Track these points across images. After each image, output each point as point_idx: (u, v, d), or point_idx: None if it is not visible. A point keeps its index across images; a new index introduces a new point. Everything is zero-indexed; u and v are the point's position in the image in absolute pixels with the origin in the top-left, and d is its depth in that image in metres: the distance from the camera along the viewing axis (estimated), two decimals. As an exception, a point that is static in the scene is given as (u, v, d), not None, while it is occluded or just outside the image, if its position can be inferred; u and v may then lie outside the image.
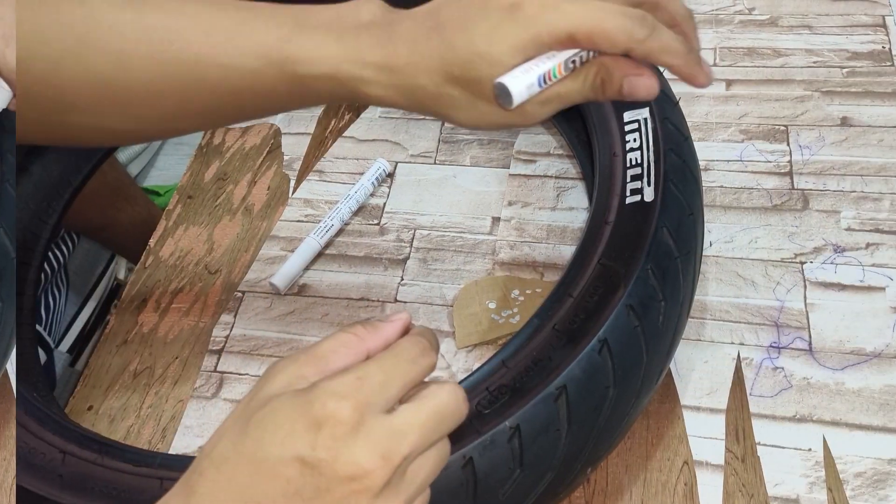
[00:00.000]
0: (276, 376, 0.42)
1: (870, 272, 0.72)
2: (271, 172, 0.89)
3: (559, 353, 0.54)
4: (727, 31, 0.95)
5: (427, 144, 0.89)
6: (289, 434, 0.38)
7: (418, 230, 0.82)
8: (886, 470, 0.61)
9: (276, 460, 0.38)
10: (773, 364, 0.68)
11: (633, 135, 0.66)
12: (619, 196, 0.62)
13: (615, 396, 0.54)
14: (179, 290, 0.81)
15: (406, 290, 0.77)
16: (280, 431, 0.38)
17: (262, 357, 0.74)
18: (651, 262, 0.58)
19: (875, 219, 0.75)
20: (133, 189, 1.20)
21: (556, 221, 0.80)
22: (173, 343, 0.77)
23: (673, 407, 0.67)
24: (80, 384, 0.75)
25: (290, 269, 0.79)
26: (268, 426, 0.39)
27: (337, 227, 0.81)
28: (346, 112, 0.94)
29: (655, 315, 0.57)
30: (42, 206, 0.82)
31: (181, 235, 0.85)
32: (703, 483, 0.62)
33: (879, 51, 0.90)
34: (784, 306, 0.71)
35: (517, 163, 0.86)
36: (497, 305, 0.74)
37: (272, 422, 0.39)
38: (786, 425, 0.64)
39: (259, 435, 0.39)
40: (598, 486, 0.63)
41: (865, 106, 0.85)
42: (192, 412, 0.72)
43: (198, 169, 0.91)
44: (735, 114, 0.86)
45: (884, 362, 0.67)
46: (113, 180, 1.13)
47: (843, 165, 0.80)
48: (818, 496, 0.60)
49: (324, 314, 0.77)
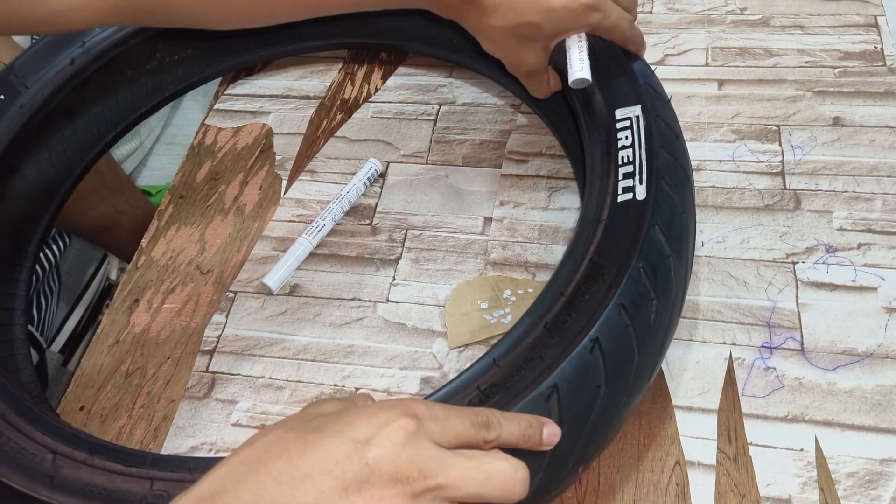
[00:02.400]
0: (324, 405, 0.48)
1: (862, 272, 0.72)
2: (263, 172, 0.89)
3: (551, 352, 0.54)
4: (719, 31, 0.95)
5: (419, 144, 0.89)
6: (350, 423, 0.41)
7: (410, 230, 0.81)
8: (878, 470, 0.61)
9: (332, 439, 0.40)
10: (765, 364, 0.68)
11: (625, 132, 0.66)
12: (611, 194, 0.62)
13: (607, 396, 0.54)
14: (171, 290, 0.80)
15: (398, 290, 0.77)
16: (341, 421, 0.42)
17: (254, 357, 0.74)
18: (643, 261, 0.58)
19: (867, 219, 0.76)
20: (133, 190, 1.20)
21: (547, 221, 0.80)
22: (165, 343, 0.76)
23: (665, 407, 0.67)
24: (72, 384, 0.75)
25: (282, 269, 0.78)
26: (332, 416, 0.43)
27: (329, 227, 0.81)
28: (337, 112, 0.94)
29: (647, 314, 0.57)
30: (34, 207, 0.82)
31: (173, 235, 0.85)
32: (695, 483, 0.62)
33: (871, 51, 0.90)
34: (776, 306, 0.71)
35: (509, 163, 0.85)
36: (489, 305, 0.74)
37: (338, 415, 0.43)
38: (778, 425, 0.64)
39: (321, 422, 0.42)
40: (590, 486, 0.63)
41: (857, 106, 0.85)
42: (183, 412, 0.71)
43: (190, 169, 0.91)
44: (727, 114, 0.86)
45: (875, 362, 0.67)
46: (112, 181, 1.13)
47: (835, 165, 0.80)
48: (810, 496, 0.60)
49: (316, 314, 0.76)
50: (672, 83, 0.90)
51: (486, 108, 0.91)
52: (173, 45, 0.91)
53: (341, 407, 0.47)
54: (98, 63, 0.82)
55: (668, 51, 0.94)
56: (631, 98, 0.68)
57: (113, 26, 0.83)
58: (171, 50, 0.91)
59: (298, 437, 0.41)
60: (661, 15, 0.99)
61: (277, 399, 0.71)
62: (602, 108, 0.68)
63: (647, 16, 0.99)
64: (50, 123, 0.82)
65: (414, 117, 0.92)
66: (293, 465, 0.40)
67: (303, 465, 0.40)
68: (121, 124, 0.90)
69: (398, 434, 0.41)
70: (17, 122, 0.77)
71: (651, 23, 0.98)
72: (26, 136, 0.78)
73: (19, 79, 0.79)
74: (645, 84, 0.69)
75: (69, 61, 0.80)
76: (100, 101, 0.88)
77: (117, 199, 1.12)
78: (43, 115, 0.79)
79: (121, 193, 1.13)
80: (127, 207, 1.12)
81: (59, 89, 0.79)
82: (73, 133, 0.86)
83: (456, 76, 0.95)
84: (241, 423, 0.70)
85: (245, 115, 0.96)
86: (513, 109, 0.91)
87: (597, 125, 0.68)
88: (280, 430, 0.42)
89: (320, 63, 1.01)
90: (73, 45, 0.82)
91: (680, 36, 0.96)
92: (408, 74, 0.97)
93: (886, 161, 0.80)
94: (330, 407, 0.47)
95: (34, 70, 0.79)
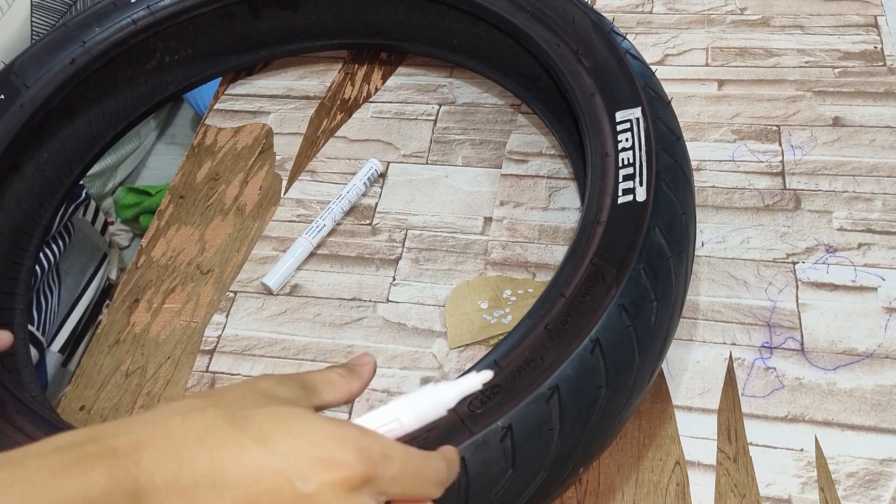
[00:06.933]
0: (262, 382, 0.41)
1: (862, 272, 0.72)
2: (263, 172, 0.89)
3: (551, 353, 0.54)
4: (719, 31, 0.95)
5: (419, 144, 0.89)
6: (298, 446, 0.37)
7: (410, 230, 0.81)
8: (878, 470, 0.61)
9: (270, 458, 0.36)
10: (765, 364, 0.68)
11: (626, 134, 0.66)
12: (612, 196, 0.62)
13: (607, 396, 0.54)
14: (171, 290, 0.80)
15: (398, 290, 0.77)
16: (289, 434, 0.37)
17: (254, 357, 0.74)
18: (643, 262, 0.58)
19: (867, 219, 0.76)
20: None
21: (547, 221, 0.80)
22: (165, 343, 0.76)
23: (665, 407, 0.67)
24: (72, 384, 0.75)
25: (282, 269, 0.78)
26: (280, 415, 0.38)
27: (329, 227, 0.81)
28: (337, 112, 0.94)
29: (648, 315, 0.57)
30: (34, 206, 0.82)
31: (173, 235, 0.85)
32: (695, 483, 0.62)
33: (871, 51, 0.90)
34: (776, 306, 0.71)
35: (509, 163, 0.86)
36: (489, 305, 0.74)
37: (288, 417, 0.38)
38: (778, 425, 0.64)
39: (265, 421, 0.37)
40: (591, 487, 0.63)
41: (857, 106, 0.85)
42: (183, 412, 0.71)
43: (190, 169, 0.91)
44: (727, 114, 0.86)
45: (875, 362, 0.67)
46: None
47: (835, 165, 0.80)
48: (810, 496, 0.60)
49: (316, 314, 0.76)
50: (672, 83, 0.90)
51: (486, 108, 0.91)
52: (173, 45, 0.91)
53: (292, 395, 0.41)
54: (98, 62, 0.82)
55: (668, 51, 0.94)
56: (631, 100, 0.68)
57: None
58: (171, 50, 0.91)
59: (234, 436, 0.36)
60: (661, 15, 0.99)
61: (278, 399, 0.71)
62: (602, 110, 0.68)
63: (647, 16, 0.99)
64: (50, 123, 0.82)
65: (414, 117, 0.92)
66: (218, 469, 0.35)
67: (233, 476, 0.35)
68: (121, 124, 0.90)
69: (341, 485, 0.36)
70: (17, 121, 0.77)
71: (651, 23, 0.98)
72: (26, 136, 0.78)
73: (19, 78, 0.79)
74: (645, 86, 0.69)
75: (69, 61, 0.80)
76: (100, 101, 0.88)
77: None
78: (43, 115, 0.79)
79: None
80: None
81: (60, 89, 0.79)
82: (73, 132, 0.86)
83: (456, 76, 0.95)
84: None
85: (245, 115, 0.96)
86: (513, 109, 0.90)
87: (597, 127, 0.68)
88: (213, 415, 0.37)
89: (320, 63, 1.01)
90: (74, 44, 0.82)
91: (680, 36, 0.96)
92: (408, 74, 0.97)
93: (886, 161, 0.80)
94: (281, 391, 0.41)
95: (34, 69, 0.79)
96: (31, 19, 0.95)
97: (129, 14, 0.84)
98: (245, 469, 0.35)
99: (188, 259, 0.83)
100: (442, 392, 0.45)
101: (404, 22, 0.93)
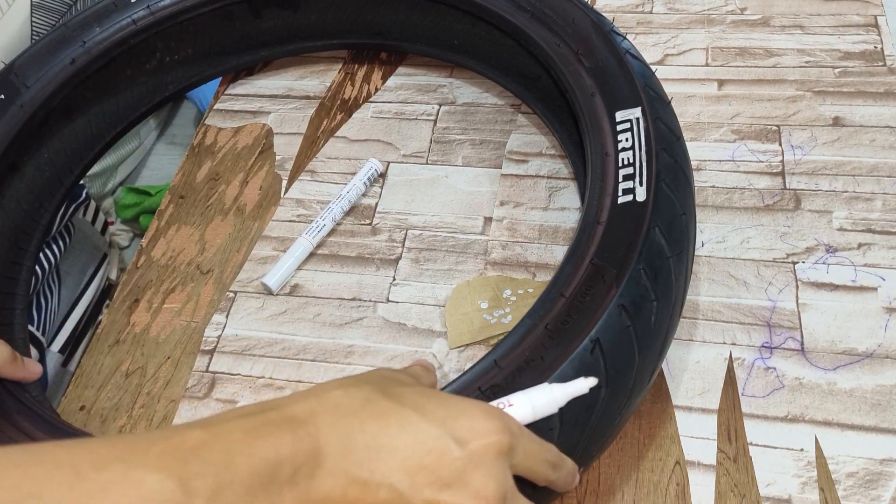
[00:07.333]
0: (383, 371, 0.47)
1: (862, 272, 0.72)
2: (263, 172, 0.89)
3: (551, 353, 0.54)
4: (719, 31, 0.95)
5: (419, 144, 0.89)
6: (451, 416, 0.41)
7: (410, 230, 0.81)
8: (878, 470, 0.61)
9: (431, 427, 0.41)
10: (765, 364, 0.68)
11: (625, 134, 0.66)
12: (611, 196, 0.62)
13: (607, 396, 0.54)
14: (171, 290, 0.80)
15: (398, 290, 0.77)
16: (440, 408, 0.42)
17: (254, 357, 0.74)
18: (643, 262, 0.58)
19: (867, 219, 0.76)
20: None
21: (547, 221, 0.80)
22: (165, 343, 0.76)
23: (665, 407, 0.67)
24: (72, 384, 0.75)
25: (282, 269, 0.78)
26: (428, 395, 0.43)
27: (329, 227, 0.81)
28: (337, 112, 0.94)
29: (648, 315, 0.57)
30: (34, 207, 0.82)
31: (173, 235, 0.85)
32: (695, 483, 0.62)
33: (871, 51, 0.90)
34: (776, 306, 0.71)
35: (509, 163, 0.86)
36: (489, 305, 0.74)
37: (434, 397, 0.43)
38: (778, 425, 0.64)
39: (415, 397, 0.42)
40: (590, 487, 0.63)
41: (857, 106, 0.85)
42: (184, 412, 0.71)
43: (190, 169, 0.91)
44: (727, 114, 0.86)
45: (876, 362, 0.67)
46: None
47: (835, 165, 0.80)
48: (810, 496, 0.60)
49: (316, 314, 0.76)
50: (672, 83, 0.90)
51: (486, 108, 0.91)
52: (173, 44, 0.91)
53: (412, 381, 0.47)
54: (98, 63, 0.82)
55: (668, 51, 0.94)
56: (631, 100, 0.68)
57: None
58: (171, 50, 0.91)
59: (394, 407, 0.41)
60: (661, 15, 0.99)
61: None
62: (602, 110, 0.68)
63: (647, 16, 0.99)
64: (50, 123, 0.82)
65: (414, 117, 0.92)
66: (388, 435, 0.40)
67: (398, 440, 0.40)
68: (121, 124, 0.90)
69: (492, 449, 0.41)
70: (17, 121, 0.77)
71: (651, 23, 0.98)
72: (26, 136, 0.78)
73: (19, 78, 0.79)
74: (645, 86, 0.69)
75: (69, 61, 0.80)
76: (100, 101, 0.88)
77: None
78: (43, 115, 0.79)
79: None
80: None
81: (60, 89, 0.79)
82: (73, 132, 0.86)
83: (456, 76, 0.95)
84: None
85: (245, 115, 0.96)
86: (513, 109, 0.91)
87: (597, 127, 0.68)
88: (368, 390, 0.42)
89: (320, 63, 1.01)
90: (74, 44, 0.82)
91: (680, 36, 0.96)
92: (408, 74, 0.97)
93: (886, 161, 0.80)
94: (404, 378, 0.47)
95: (34, 69, 0.79)
96: (31, 19, 0.95)
97: (129, 14, 0.84)
98: (409, 434, 0.40)
99: (188, 259, 0.83)
100: (557, 390, 0.48)
101: (404, 22, 0.93)
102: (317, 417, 0.40)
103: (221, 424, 0.38)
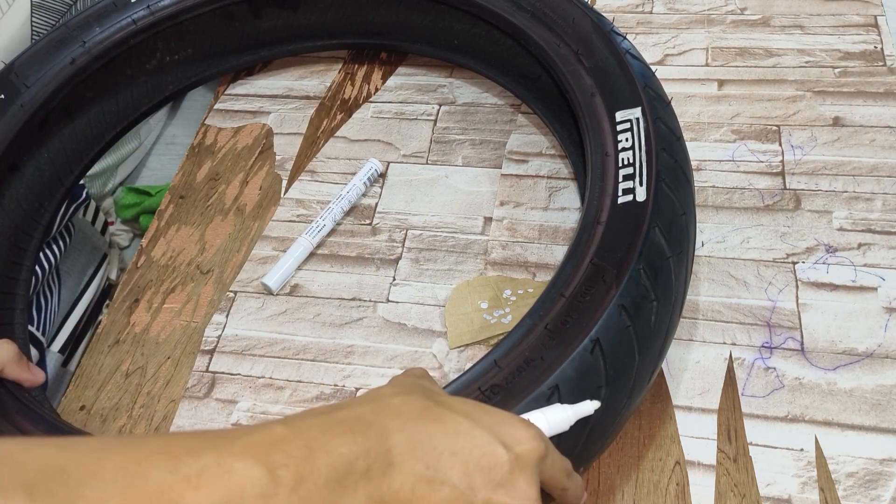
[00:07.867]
0: (419, 381, 0.49)
1: (862, 272, 0.72)
2: (263, 172, 0.89)
3: (551, 353, 0.54)
4: (719, 31, 0.95)
5: (419, 144, 0.89)
6: (497, 423, 0.44)
7: (410, 230, 0.81)
8: (878, 470, 0.61)
9: (483, 433, 0.43)
10: (765, 364, 0.68)
11: (625, 134, 0.66)
12: (611, 196, 0.62)
13: (607, 396, 0.54)
14: (171, 290, 0.80)
15: (398, 290, 0.77)
16: (487, 416, 0.44)
17: (254, 357, 0.74)
18: (643, 262, 0.58)
19: (867, 219, 0.76)
20: None
21: (547, 221, 0.80)
22: (165, 343, 0.76)
23: (665, 407, 0.67)
24: (72, 384, 0.75)
25: (282, 269, 0.78)
26: (472, 405, 0.45)
27: (329, 227, 0.81)
28: (337, 112, 0.94)
29: (647, 315, 0.57)
30: (34, 207, 0.82)
31: (173, 235, 0.85)
32: (695, 483, 0.62)
33: (871, 51, 0.90)
34: (776, 306, 0.71)
35: (509, 163, 0.86)
36: (489, 305, 0.74)
37: (480, 406, 0.46)
38: (778, 425, 0.64)
39: (462, 406, 0.45)
40: (590, 486, 0.63)
41: (857, 106, 0.85)
42: (184, 412, 0.71)
43: (190, 169, 0.91)
44: (727, 114, 0.86)
45: (875, 362, 0.67)
46: None
47: (835, 165, 0.80)
48: (810, 496, 0.60)
49: (316, 314, 0.76)
50: (672, 83, 0.90)
51: (486, 108, 0.91)
52: (173, 45, 0.91)
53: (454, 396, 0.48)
54: (98, 62, 0.82)
55: (668, 51, 0.94)
56: (631, 100, 0.68)
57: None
58: (171, 50, 0.91)
59: (449, 414, 0.44)
60: (661, 15, 0.99)
61: (277, 399, 0.71)
62: (602, 110, 0.68)
63: (647, 16, 0.99)
64: (50, 123, 0.82)
65: (414, 117, 0.92)
66: (448, 438, 0.43)
67: (457, 443, 0.42)
68: (121, 124, 0.90)
69: (533, 455, 0.44)
70: (17, 121, 0.77)
71: (651, 23, 0.98)
72: (26, 136, 0.78)
73: (19, 78, 0.79)
74: (645, 86, 0.69)
75: (69, 61, 0.80)
76: (100, 101, 0.88)
77: None
78: (43, 115, 0.79)
79: None
80: None
81: (60, 88, 0.79)
82: (73, 132, 0.86)
83: (456, 76, 0.95)
84: (241, 423, 0.70)
85: (245, 115, 0.96)
86: (513, 109, 0.91)
87: (597, 127, 0.68)
88: (423, 397, 0.45)
89: (320, 63, 1.01)
90: (74, 44, 0.82)
91: (680, 36, 0.96)
92: (408, 74, 0.97)
93: (886, 161, 0.80)
94: (437, 387, 0.49)
95: (34, 69, 0.79)
96: (31, 19, 0.95)
97: (129, 14, 0.84)
98: (465, 438, 0.43)
99: (188, 259, 0.83)
100: (568, 410, 0.50)
101: (404, 22, 0.93)
102: (384, 420, 0.43)
103: (299, 422, 0.41)
